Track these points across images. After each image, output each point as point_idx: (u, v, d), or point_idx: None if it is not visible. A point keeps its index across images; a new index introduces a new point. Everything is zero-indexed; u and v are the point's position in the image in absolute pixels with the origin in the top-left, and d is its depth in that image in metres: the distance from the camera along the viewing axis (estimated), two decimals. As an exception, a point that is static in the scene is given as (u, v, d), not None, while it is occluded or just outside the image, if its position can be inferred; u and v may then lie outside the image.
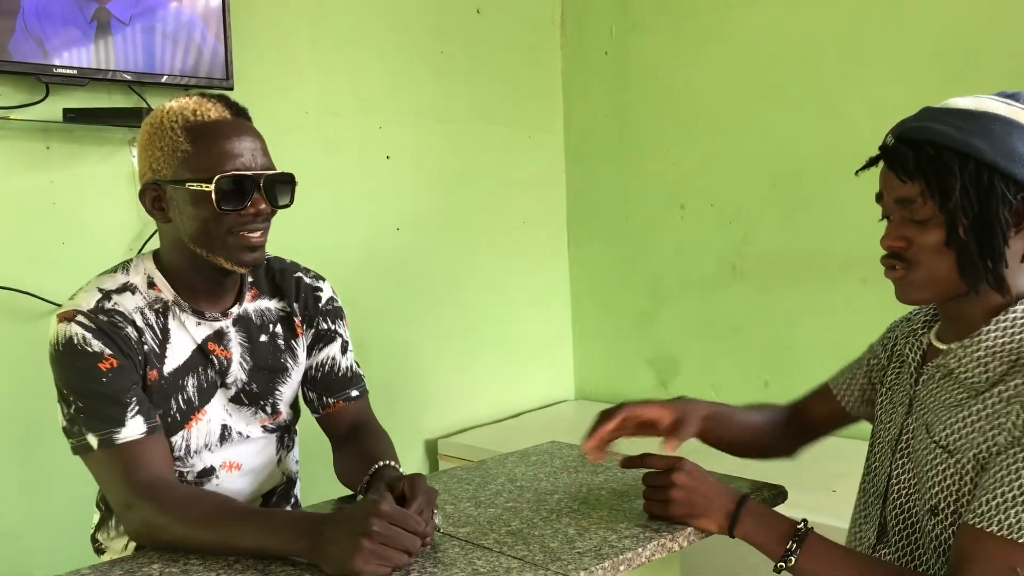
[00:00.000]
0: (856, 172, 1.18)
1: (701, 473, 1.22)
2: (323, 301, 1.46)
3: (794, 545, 1.10)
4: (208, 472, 1.34)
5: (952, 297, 1.10)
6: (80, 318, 1.22)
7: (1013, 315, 1.06)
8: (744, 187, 2.68)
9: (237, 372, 1.35)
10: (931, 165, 1.03)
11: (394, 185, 2.67)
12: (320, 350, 1.45)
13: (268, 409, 1.40)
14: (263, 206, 1.25)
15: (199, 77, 2.11)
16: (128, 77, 2.00)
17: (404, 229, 2.70)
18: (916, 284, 1.09)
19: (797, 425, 1.41)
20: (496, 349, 2.99)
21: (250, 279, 1.40)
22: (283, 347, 1.41)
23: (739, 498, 1.18)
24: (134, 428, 1.20)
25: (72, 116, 1.94)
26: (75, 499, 1.73)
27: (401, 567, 1.05)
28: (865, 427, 1.34)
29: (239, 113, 1.27)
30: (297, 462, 1.52)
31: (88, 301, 1.24)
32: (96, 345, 1.21)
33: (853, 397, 1.35)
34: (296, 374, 1.43)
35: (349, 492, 1.42)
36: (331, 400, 1.46)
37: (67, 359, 1.21)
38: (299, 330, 1.43)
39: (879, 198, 1.12)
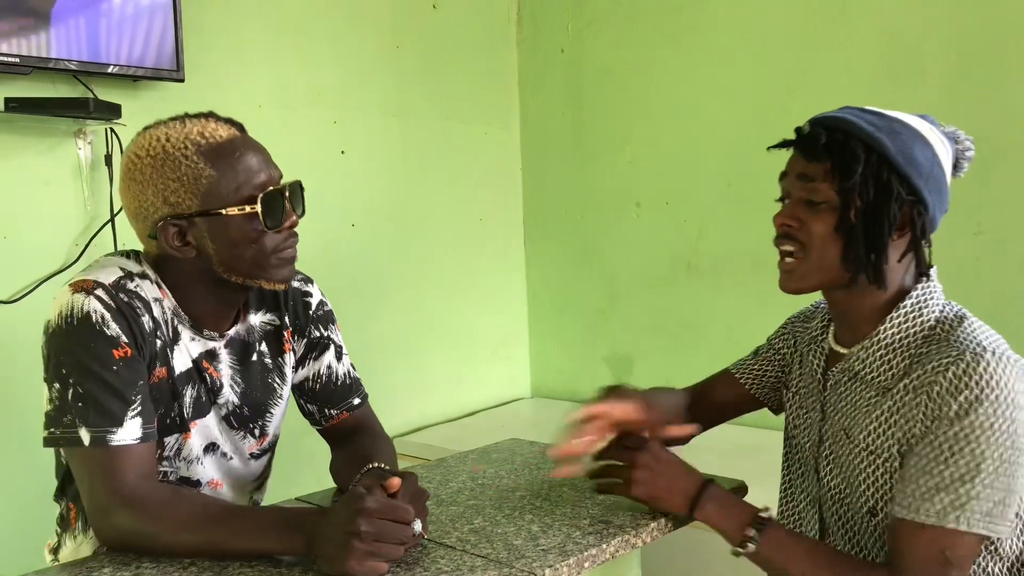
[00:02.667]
0: (768, 148, 1.21)
1: (666, 455, 1.22)
2: (313, 307, 1.39)
3: (754, 532, 1.11)
4: (192, 484, 1.28)
5: (833, 289, 1.14)
6: (101, 292, 1.12)
7: (904, 310, 1.12)
8: (699, 186, 2.71)
9: (229, 394, 1.29)
10: (839, 147, 1.08)
11: (348, 181, 2.63)
12: (315, 359, 1.39)
13: (257, 432, 1.34)
14: (294, 217, 1.22)
15: (147, 68, 2.05)
16: (73, 66, 1.94)
17: (359, 226, 2.66)
18: (802, 272, 1.13)
19: (700, 410, 1.40)
20: (452, 347, 2.97)
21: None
22: (271, 367, 1.34)
23: (702, 482, 1.19)
24: (131, 431, 1.12)
25: (14, 106, 1.87)
26: (27, 508, 1.67)
27: (398, 558, 1.04)
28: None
29: (241, 128, 1.22)
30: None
31: (109, 276, 1.14)
32: (113, 328, 1.11)
33: (764, 387, 1.38)
34: (285, 393, 1.37)
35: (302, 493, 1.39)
36: (334, 412, 1.41)
37: (78, 336, 1.10)
38: (287, 345, 1.36)
39: (783, 176, 1.16)
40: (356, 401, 1.43)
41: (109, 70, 1.99)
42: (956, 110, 2.21)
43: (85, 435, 1.10)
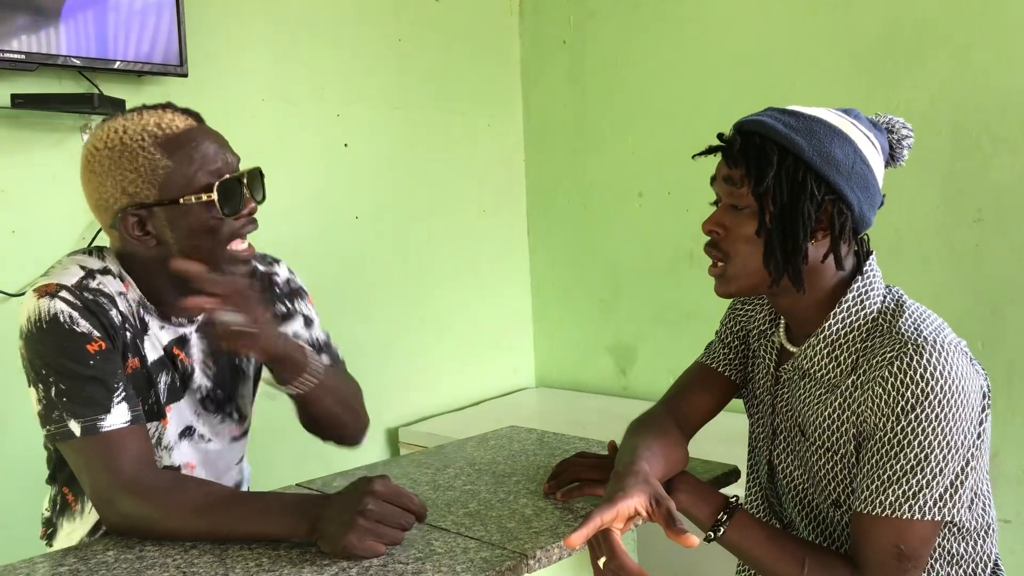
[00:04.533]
0: (693, 156, 1.25)
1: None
2: (280, 284, 1.41)
3: (724, 517, 1.13)
4: (172, 470, 1.31)
5: (766, 291, 1.15)
6: (64, 294, 1.15)
7: (846, 305, 1.13)
8: (701, 175, 2.70)
9: (201, 379, 1.31)
10: (754, 153, 1.10)
11: (352, 173, 2.65)
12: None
13: (235, 415, 1.37)
14: (253, 204, 1.23)
15: (153, 64, 2.08)
16: (78, 63, 1.97)
17: (362, 218, 2.69)
18: (729, 276, 1.15)
19: (688, 422, 1.32)
20: (456, 338, 2.99)
21: None
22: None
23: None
24: (119, 416, 1.15)
25: (20, 102, 1.90)
26: (23, 495, 1.70)
27: (397, 543, 1.07)
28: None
29: (198, 118, 1.23)
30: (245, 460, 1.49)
31: (70, 277, 1.17)
32: (84, 325, 1.14)
33: (738, 369, 1.34)
34: (251, 370, 1.40)
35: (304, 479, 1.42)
36: None
37: (50, 338, 1.13)
38: None
39: (712, 180, 1.19)
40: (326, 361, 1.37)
41: (114, 66, 2.02)
42: (955, 99, 2.21)
43: (75, 426, 1.13)
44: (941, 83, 2.24)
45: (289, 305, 1.42)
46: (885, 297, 1.14)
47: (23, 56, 1.88)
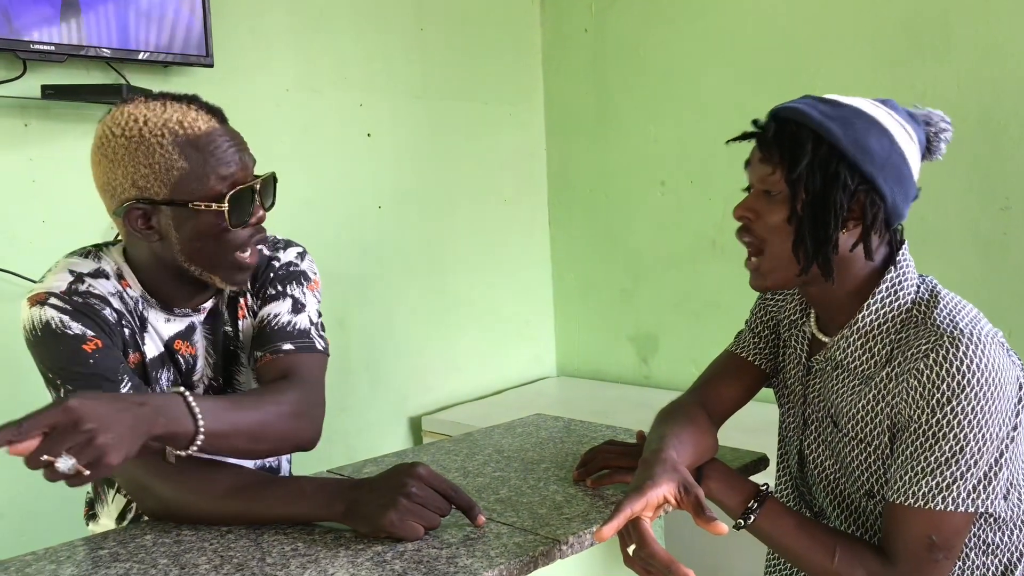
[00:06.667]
0: (727, 142, 1.23)
1: None
2: (277, 268, 1.33)
3: (755, 504, 1.14)
4: None
5: (798, 282, 1.14)
6: (53, 300, 1.15)
7: (880, 295, 1.12)
8: (723, 164, 2.70)
9: (203, 369, 1.30)
10: (788, 139, 1.09)
11: (375, 163, 2.66)
12: (261, 308, 1.31)
13: None
14: (261, 212, 1.21)
15: (176, 54, 2.10)
16: (107, 53, 1.98)
17: (385, 208, 2.70)
18: (764, 270, 1.14)
19: (717, 411, 1.32)
20: (478, 327, 3.00)
21: None
22: (231, 334, 1.33)
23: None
24: None
25: (51, 93, 1.92)
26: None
27: (435, 527, 1.08)
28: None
29: (221, 117, 1.20)
30: None
31: (59, 283, 1.17)
32: (76, 327, 1.14)
33: (768, 358, 1.34)
34: (243, 359, 1.36)
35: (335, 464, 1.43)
36: (259, 354, 1.27)
37: (47, 344, 1.14)
38: (241, 312, 1.33)
39: (746, 165, 1.18)
40: (287, 346, 1.27)
41: (140, 56, 2.04)
42: (982, 84, 2.19)
43: None
44: (968, 69, 2.22)
45: (280, 287, 1.33)
46: (919, 287, 1.13)
47: (53, 47, 1.90)
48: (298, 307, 1.31)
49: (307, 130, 2.49)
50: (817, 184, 1.08)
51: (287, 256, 1.36)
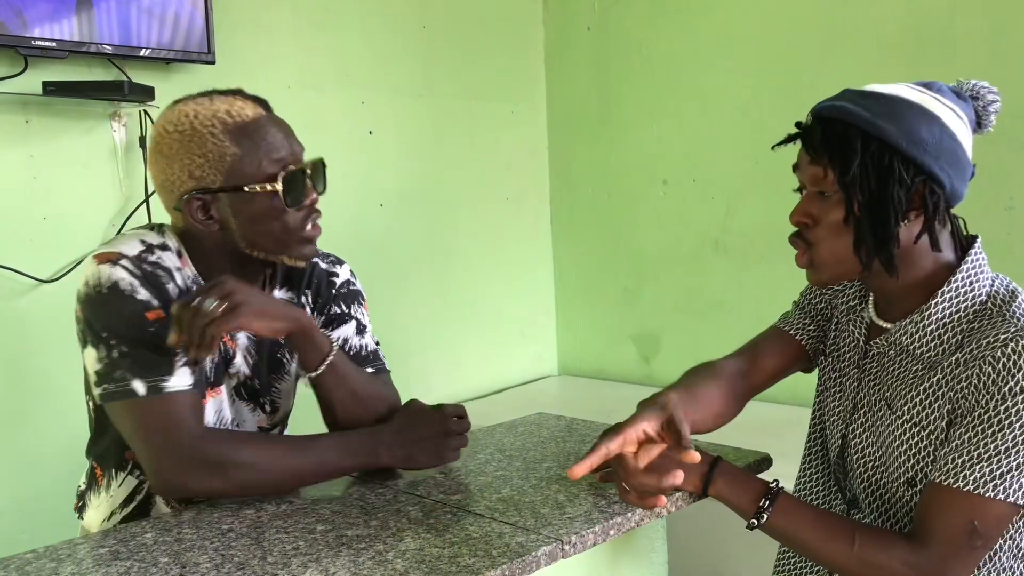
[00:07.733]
0: (773, 147, 1.21)
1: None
2: (337, 285, 1.41)
3: (767, 503, 1.12)
4: None
5: (861, 276, 1.14)
6: (125, 263, 1.17)
7: (955, 285, 1.11)
8: (726, 163, 2.70)
9: (240, 364, 1.32)
10: (837, 141, 1.07)
11: (376, 161, 2.66)
12: (331, 332, 1.38)
13: (267, 407, 1.37)
14: (315, 195, 1.25)
15: (178, 51, 2.09)
16: (109, 50, 1.98)
17: (387, 205, 2.69)
18: (820, 265, 1.14)
19: (752, 380, 1.34)
20: (480, 325, 3.00)
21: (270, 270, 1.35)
22: (281, 341, 1.33)
23: (712, 459, 1.20)
24: (182, 379, 1.16)
25: (52, 89, 1.92)
26: (58, 478, 1.73)
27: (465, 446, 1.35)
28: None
29: (267, 106, 1.25)
30: None
31: (131, 248, 1.19)
32: (143, 293, 1.16)
33: (812, 338, 1.35)
34: (292, 369, 1.39)
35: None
36: None
37: (112, 303, 1.16)
38: None
39: (795, 168, 1.16)
40: (368, 370, 1.39)
41: (141, 53, 2.03)
42: (988, 82, 2.18)
43: (140, 386, 1.14)
44: (971, 69, 2.21)
45: (344, 307, 1.41)
46: (994, 282, 1.13)
47: (54, 44, 1.89)
48: (361, 328, 1.41)
49: (309, 128, 2.45)
50: (872, 183, 1.06)
51: (344, 273, 1.44)
